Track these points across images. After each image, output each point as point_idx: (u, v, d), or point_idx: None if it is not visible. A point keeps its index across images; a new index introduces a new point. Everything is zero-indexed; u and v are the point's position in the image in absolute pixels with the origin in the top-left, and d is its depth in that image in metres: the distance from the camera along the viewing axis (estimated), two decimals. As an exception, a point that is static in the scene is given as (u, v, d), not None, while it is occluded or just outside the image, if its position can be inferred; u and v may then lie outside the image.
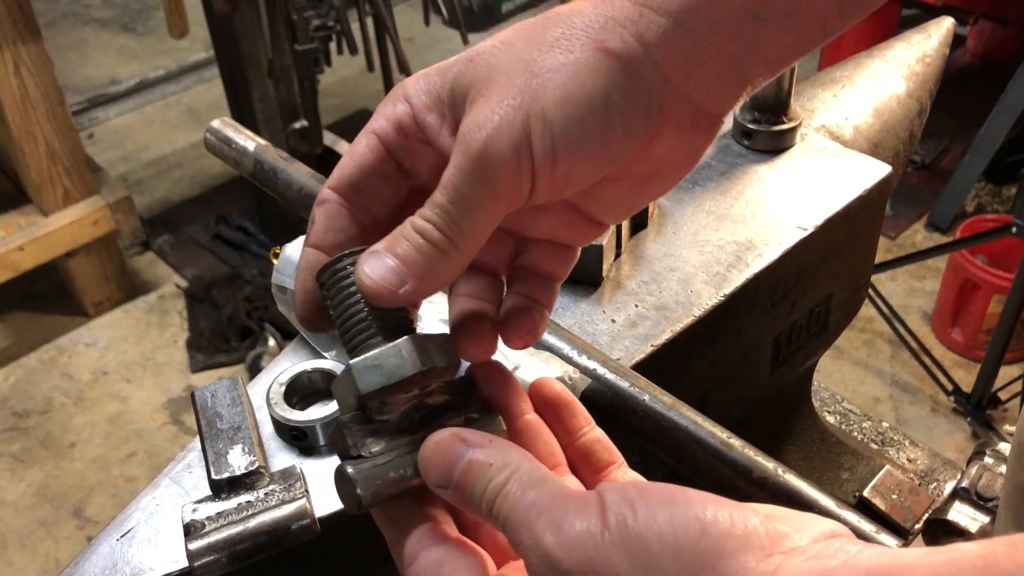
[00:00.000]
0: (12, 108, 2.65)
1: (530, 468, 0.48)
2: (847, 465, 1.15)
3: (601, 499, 0.44)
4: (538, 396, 0.58)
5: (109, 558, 0.67)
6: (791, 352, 1.00)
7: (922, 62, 1.16)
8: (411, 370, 0.51)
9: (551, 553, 0.43)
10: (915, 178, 3.59)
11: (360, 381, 0.51)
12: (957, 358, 2.93)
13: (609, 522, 0.43)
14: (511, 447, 0.49)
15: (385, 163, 0.56)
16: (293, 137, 3.05)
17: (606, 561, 0.42)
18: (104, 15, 4.79)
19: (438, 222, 0.50)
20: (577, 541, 0.43)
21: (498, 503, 0.47)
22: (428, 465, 0.50)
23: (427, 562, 0.50)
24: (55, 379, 2.94)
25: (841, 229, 0.95)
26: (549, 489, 0.46)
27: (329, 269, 0.54)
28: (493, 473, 0.48)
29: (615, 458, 0.58)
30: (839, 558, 0.39)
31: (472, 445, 0.49)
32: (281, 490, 0.68)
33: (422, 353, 0.51)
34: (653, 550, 0.41)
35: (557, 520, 0.44)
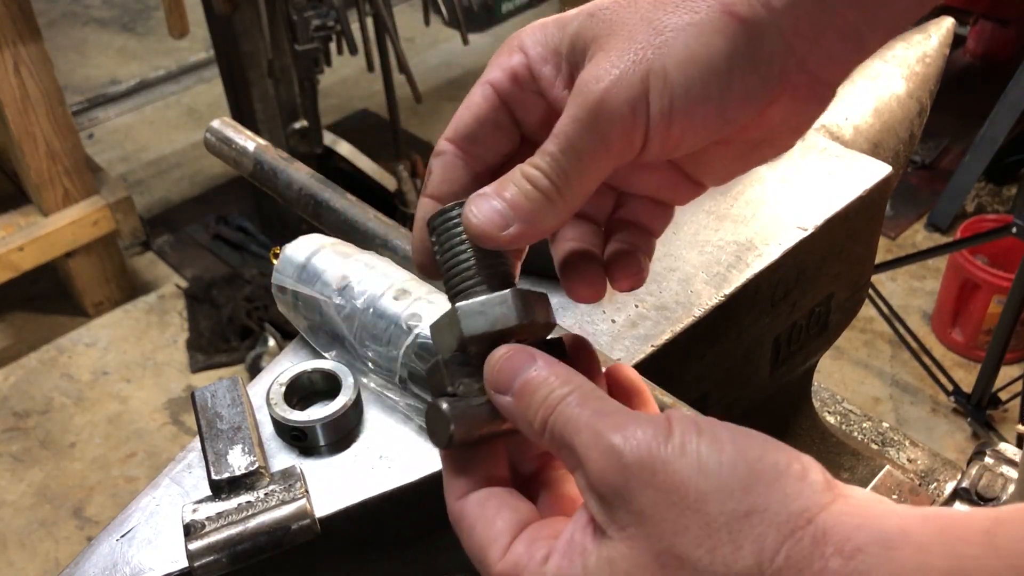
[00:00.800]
0: (12, 108, 2.65)
1: (593, 389, 0.48)
2: (847, 465, 1.15)
3: (668, 417, 0.45)
4: (613, 380, 0.58)
5: (109, 558, 0.67)
6: (791, 352, 1.00)
7: (922, 62, 1.16)
8: (515, 320, 0.52)
9: (616, 446, 0.44)
10: (915, 178, 3.59)
11: (465, 324, 0.52)
12: (957, 358, 2.93)
13: (674, 432, 0.43)
14: (576, 372, 0.50)
15: (499, 113, 0.56)
16: (293, 137, 3.05)
17: (667, 460, 0.42)
18: (104, 15, 4.79)
19: (547, 170, 0.51)
20: (643, 440, 0.43)
21: (558, 411, 0.47)
22: (493, 369, 0.51)
23: (476, 497, 0.51)
24: (55, 379, 2.94)
25: (841, 229, 0.95)
26: (613, 404, 0.47)
27: (440, 216, 0.55)
28: (555, 385, 0.48)
29: None
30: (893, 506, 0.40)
31: (540, 359, 0.50)
32: (281, 490, 0.68)
33: (526, 306, 0.53)
34: (715, 459, 0.42)
35: (623, 424, 0.45)
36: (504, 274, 0.55)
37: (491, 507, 0.50)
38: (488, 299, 0.53)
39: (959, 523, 0.38)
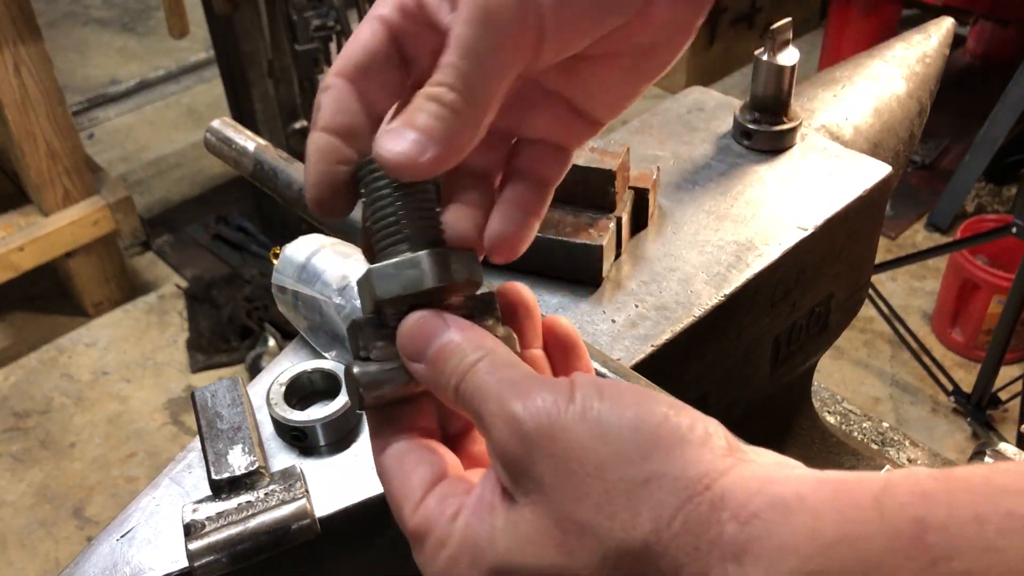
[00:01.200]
0: (12, 108, 2.65)
1: (505, 353, 0.49)
2: (847, 465, 1.15)
3: (572, 381, 0.45)
4: (549, 332, 0.58)
5: (109, 558, 0.67)
6: (791, 352, 1.00)
7: (922, 62, 1.16)
8: (428, 284, 0.51)
9: (516, 415, 0.44)
10: (915, 178, 3.59)
11: (377, 287, 0.52)
12: (957, 358, 2.93)
13: (575, 397, 0.44)
14: (489, 336, 0.50)
15: (389, 47, 0.55)
16: (293, 137, 3.05)
17: (567, 427, 0.43)
18: (104, 15, 4.79)
19: (451, 82, 0.49)
20: (542, 407, 0.44)
21: (468, 378, 0.48)
22: (407, 335, 0.51)
23: (395, 451, 0.51)
24: (55, 379, 2.94)
25: (841, 229, 0.95)
26: (520, 370, 0.47)
27: (367, 166, 0.54)
28: (468, 351, 0.49)
29: None
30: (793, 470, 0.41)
31: (452, 325, 0.50)
32: (281, 490, 0.68)
33: (442, 267, 0.52)
34: (614, 424, 0.43)
35: (526, 391, 0.45)
36: (429, 230, 0.54)
37: (409, 461, 0.51)
38: (402, 260, 0.52)
39: (852, 488, 0.38)
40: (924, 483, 0.36)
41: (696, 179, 0.98)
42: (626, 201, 0.90)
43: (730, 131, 1.04)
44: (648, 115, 1.08)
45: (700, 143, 1.03)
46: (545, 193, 0.59)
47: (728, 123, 1.05)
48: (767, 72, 0.99)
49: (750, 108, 1.02)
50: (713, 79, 4.19)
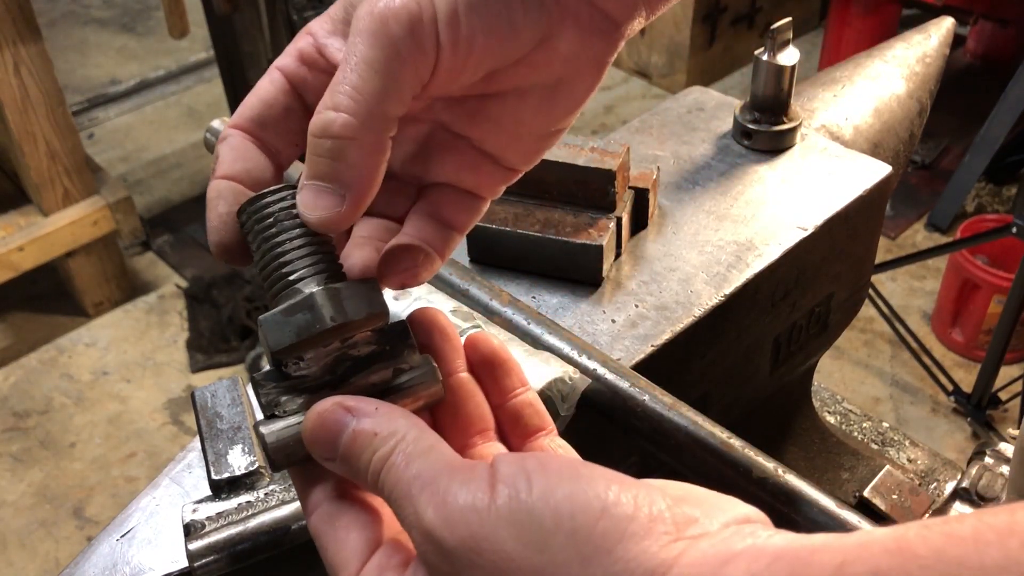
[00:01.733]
0: (12, 108, 2.65)
1: (417, 436, 0.45)
2: (847, 465, 1.15)
3: (493, 470, 0.42)
4: (474, 352, 0.55)
5: (109, 558, 0.67)
6: (791, 352, 1.00)
7: (922, 62, 1.16)
8: (321, 326, 0.47)
9: (432, 530, 0.41)
10: (915, 178, 3.59)
11: (270, 338, 0.48)
12: (957, 358, 2.93)
13: (498, 495, 0.40)
14: (400, 414, 0.47)
15: (289, 96, 0.53)
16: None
17: (491, 537, 0.39)
18: (104, 15, 4.79)
19: (342, 100, 0.46)
20: (461, 515, 0.40)
21: (383, 475, 0.45)
22: (312, 437, 0.47)
23: (324, 513, 0.49)
24: (55, 379, 2.94)
25: (841, 229, 0.95)
26: (435, 459, 0.44)
27: (249, 208, 0.50)
28: (378, 443, 0.45)
29: (545, 424, 0.55)
30: (746, 542, 0.38)
31: (357, 414, 0.47)
32: (281, 490, 0.68)
33: (336, 306, 0.48)
34: (546, 527, 0.39)
35: (440, 493, 0.42)
36: (323, 265, 0.50)
37: (341, 526, 0.48)
38: (292, 304, 0.48)
39: (806, 564, 0.35)
40: (880, 560, 0.34)
41: (696, 179, 0.98)
42: (626, 201, 0.90)
43: (730, 131, 1.04)
44: (648, 115, 1.08)
45: (700, 143, 1.03)
46: (449, 237, 0.56)
47: (728, 123, 1.05)
48: (767, 72, 0.99)
49: (750, 108, 1.02)
50: (713, 79, 4.19)
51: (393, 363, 0.50)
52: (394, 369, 0.50)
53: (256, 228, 0.50)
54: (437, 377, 0.51)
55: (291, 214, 0.50)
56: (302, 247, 0.50)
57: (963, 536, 0.33)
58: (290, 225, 0.50)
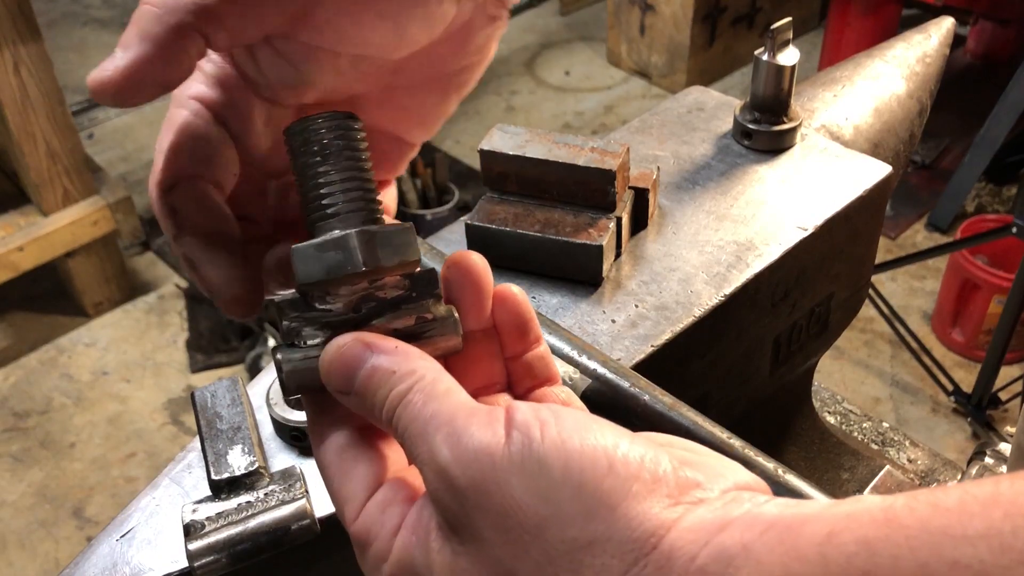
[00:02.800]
0: (12, 108, 2.65)
1: (435, 378, 0.46)
2: (847, 465, 1.15)
3: (509, 416, 0.42)
4: (500, 306, 0.54)
5: (109, 558, 0.67)
6: (791, 352, 1.00)
7: (922, 62, 1.16)
8: (353, 268, 0.47)
9: (447, 469, 0.42)
10: (915, 178, 3.59)
11: (299, 269, 0.48)
12: (957, 358, 2.93)
13: (512, 440, 0.41)
14: (418, 355, 0.47)
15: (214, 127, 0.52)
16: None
17: (502, 481, 0.40)
18: (104, 15, 4.79)
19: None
20: (475, 456, 0.41)
21: (398, 412, 0.45)
22: (329, 369, 0.48)
23: (334, 445, 0.49)
24: (55, 379, 2.94)
25: (841, 229, 0.95)
26: (453, 401, 0.44)
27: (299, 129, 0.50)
28: (396, 381, 0.46)
29: (553, 376, 0.56)
30: (743, 508, 0.39)
31: (376, 351, 0.47)
32: (281, 490, 0.68)
33: (369, 250, 0.48)
34: (554, 478, 0.40)
35: (457, 433, 0.42)
36: (363, 203, 0.50)
37: (348, 458, 0.49)
38: (325, 240, 0.47)
39: (797, 535, 0.36)
40: (867, 530, 0.35)
41: (696, 179, 0.98)
42: (626, 201, 0.90)
43: (730, 131, 1.04)
44: (648, 115, 1.08)
45: (700, 143, 1.03)
46: None
47: (728, 123, 1.05)
48: (767, 72, 0.99)
49: (750, 108, 1.02)
50: (713, 79, 4.20)
51: (416, 310, 0.50)
52: (417, 317, 0.50)
53: (301, 151, 0.50)
54: (457, 330, 0.51)
55: (339, 145, 0.50)
56: (345, 180, 0.50)
57: (948, 507, 0.34)
58: (336, 155, 0.50)
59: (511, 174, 0.89)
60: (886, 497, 0.36)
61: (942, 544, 0.33)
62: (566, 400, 0.55)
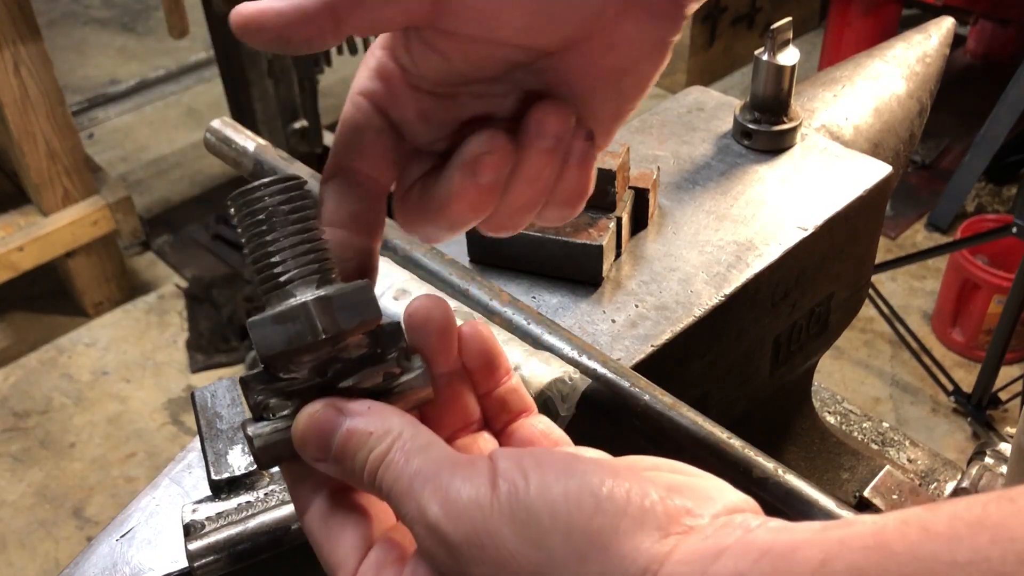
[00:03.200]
0: (12, 108, 2.65)
1: (413, 433, 0.46)
2: (847, 465, 1.15)
3: (492, 465, 0.42)
4: (466, 346, 0.54)
5: (109, 558, 0.67)
6: (791, 352, 1.00)
7: (922, 62, 1.16)
8: (312, 337, 0.47)
9: (438, 525, 0.42)
10: (915, 178, 3.59)
11: (260, 344, 0.47)
12: (957, 358, 2.93)
13: (500, 490, 0.41)
14: (392, 412, 0.47)
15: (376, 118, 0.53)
16: (293, 137, 3.05)
17: (494, 533, 0.40)
18: (104, 15, 4.79)
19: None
20: (464, 510, 0.41)
21: (380, 473, 0.45)
22: (303, 438, 0.47)
23: (317, 512, 0.49)
24: (55, 379, 2.94)
25: (841, 229, 0.95)
26: (435, 455, 0.44)
27: (240, 199, 0.49)
28: (374, 442, 0.45)
29: (528, 407, 0.55)
30: (735, 535, 0.38)
31: (349, 414, 0.47)
32: (281, 490, 0.68)
33: (328, 316, 0.47)
34: (544, 525, 0.40)
35: (443, 488, 0.42)
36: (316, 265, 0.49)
37: (334, 524, 0.48)
38: (283, 311, 0.47)
39: (789, 562, 0.36)
40: (859, 557, 0.35)
41: (696, 179, 0.98)
42: (626, 201, 0.90)
43: (730, 131, 1.04)
44: (648, 115, 1.08)
45: (700, 143, 1.03)
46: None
47: (728, 123, 1.05)
48: (767, 72, 0.99)
49: (750, 108, 1.02)
50: (713, 79, 4.20)
51: (384, 366, 0.50)
52: (385, 373, 0.50)
53: (248, 221, 0.49)
54: (427, 381, 0.51)
55: (283, 209, 0.49)
56: (295, 245, 0.49)
57: (938, 531, 0.34)
58: (282, 221, 0.49)
59: (511, 174, 0.89)
60: (877, 519, 0.36)
61: (933, 572, 0.33)
62: (545, 431, 0.54)
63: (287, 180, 0.50)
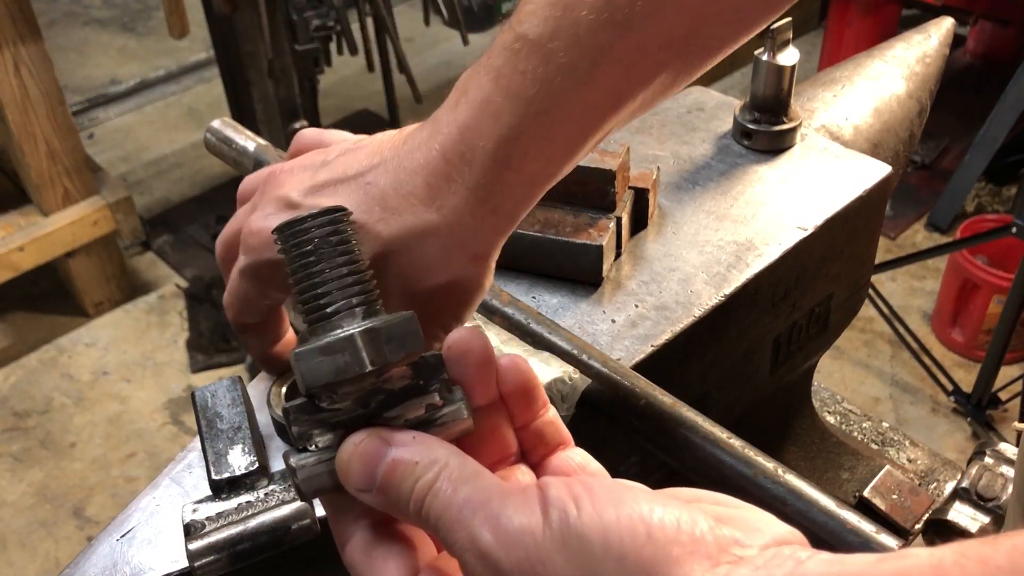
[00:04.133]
0: (12, 108, 2.65)
1: (460, 464, 0.45)
2: (847, 465, 1.15)
3: (543, 493, 0.42)
4: (506, 379, 0.54)
5: (109, 558, 0.67)
6: (791, 352, 1.00)
7: (922, 62, 1.16)
8: (359, 369, 0.47)
9: (490, 553, 0.41)
10: (915, 178, 3.59)
11: (306, 375, 0.48)
12: (957, 358, 2.93)
13: (551, 518, 0.41)
14: (437, 443, 0.47)
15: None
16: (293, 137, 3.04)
17: (546, 560, 0.40)
18: (104, 15, 4.79)
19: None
20: (517, 538, 0.41)
21: (427, 502, 0.45)
22: (347, 468, 0.47)
23: (360, 543, 0.49)
24: (55, 379, 2.94)
25: (841, 229, 0.95)
26: (483, 484, 0.44)
27: (288, 230, 0.51)
28: (420, 471, 0.45)
29: (565, 439, 0.56)
30: (787, 567, 0.38)
31: (394, 444, 0.47)
32: (281, 490, 0.68)
33: (375, 348, 0.47)
34: (596, 554, 0.39)
35: (495, 516, 0.42)
36: (362, 296, 0.50)
37: (377, 556, 0.48)
38: (330, 343, 0.47)
39: None
40: None
41: (696, 179, 0.98)
42: (626, 201, 0.90)
43: (730, 131, 1.04)
44: (648, 115, 1.08)
45: (700, 143, 1.03)
46: None
47: (728, 123, 1.05)
48: (767, 72, 0.99)
49: (750, 108, 1.02)
50: (713, 79, 4.19)
51: (426, 398, 0.50)
52: (427, 405, 0.50)
53: (294, 253, 0.50)
54: (468, 412, 0.51)
55: (330, 241, 0.50)
56: (342, 277, 0.50)
57: (998, 564, 0.33)
58: (329, 253, 0.50)
59: (511, 174, 0.89)
60: (934, 552, 0.35)
61: None
62: (583, 463, 0.54)
63: (334, 212, 0.51)
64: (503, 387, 0.54)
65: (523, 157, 0.57)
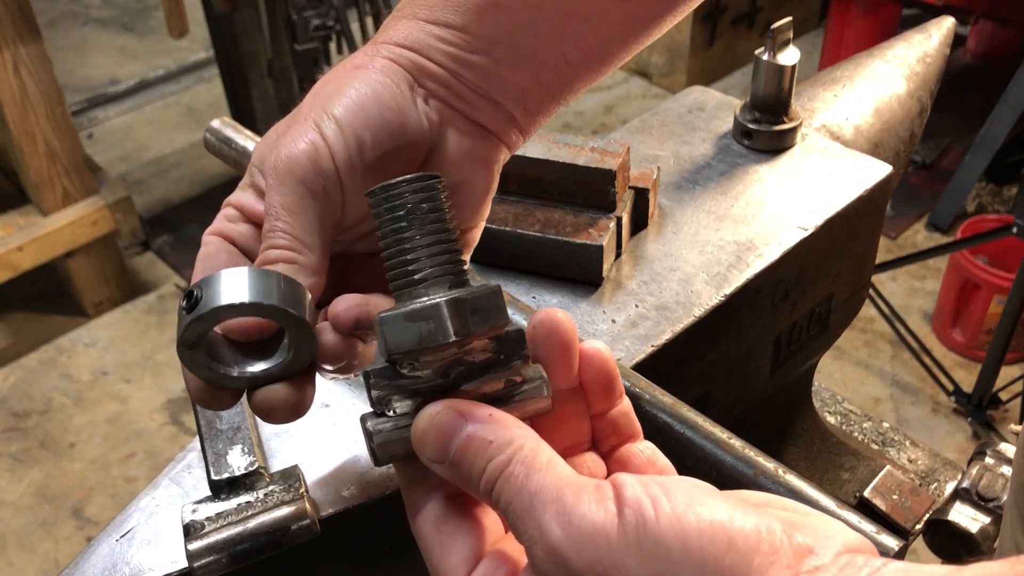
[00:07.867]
0: (12, 108, 2.65)
1: (535, 448, 0.45)
2: (848, 465, 1.15)
3: (619, 492, 0.41)
4: (587, 365, 0.53)
5: (109, 558, 0.67)
6: (791, 352, 1.00)
7: (923, 62, 1.16)
8: (443, 339, 0.47)
9: (560, 550, 0.41)
10: (916, 178, 3.59)
11: (389, 339, 0.47)
12: (958, 358, 2.93)
13: (626, 518, 0.40)
14: (513, 423, 0.46)
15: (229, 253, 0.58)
16: (293, 137, 3.04)
17: (619, 563, 0.39)
18: (104, 15, 4.79)
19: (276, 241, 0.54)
20: (589, 537, 0.40)
21: (499, 485, 0.44)
22: (422, 438, 0.47)
23: (431, 516, 0.49)
24: (55, 379, 2.94)
25: (841, 229, 0.95)
26: (557, 474, 0.43)
27: (382, 193, 0.50)
28: (493, 451, 0.45)
29: (637, 432, 0.55)
30: (864, 574, 0.38)
31: (471, 419, 0.46)
32: (281, 490, 0.68)
33: (460, 319, 0.47)
34: (674, 559, 0.38)
35: (567, 512, 0.41)
36: (450, 266, 0.50)
37: (447, 531, 0.48)
38: (416, 310, 0.47)
39: None
40: None
41: (696, 179, 0.98)
42: (626, 201, 0.90)
43: (730, 131, 1.04)
44: (648, 115, 1.08)
45: (700, 143, 1.03)
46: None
47: (728, 123, 1.05)
48: (767, 72, 0.99)
49: (750, 108, 1.02)
50: (713, 79, 4.19)
51: (506, 373, 0.50)
52: (506, 380, 0.50)
53: (386, 216, 0.50)
54: (547, 392, 0.51)
55: (423, 208, 0.50)
56: (431, 244, 0.49)
57: None
58: (421, 219, 0.50)
59: (511, 174, 0.89)
60: (1014, 562, 0.35)
61: None
62: (652, 457, 0.54)
63: (429, 178, 0.51)
64: (584, 374, 0.53)
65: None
